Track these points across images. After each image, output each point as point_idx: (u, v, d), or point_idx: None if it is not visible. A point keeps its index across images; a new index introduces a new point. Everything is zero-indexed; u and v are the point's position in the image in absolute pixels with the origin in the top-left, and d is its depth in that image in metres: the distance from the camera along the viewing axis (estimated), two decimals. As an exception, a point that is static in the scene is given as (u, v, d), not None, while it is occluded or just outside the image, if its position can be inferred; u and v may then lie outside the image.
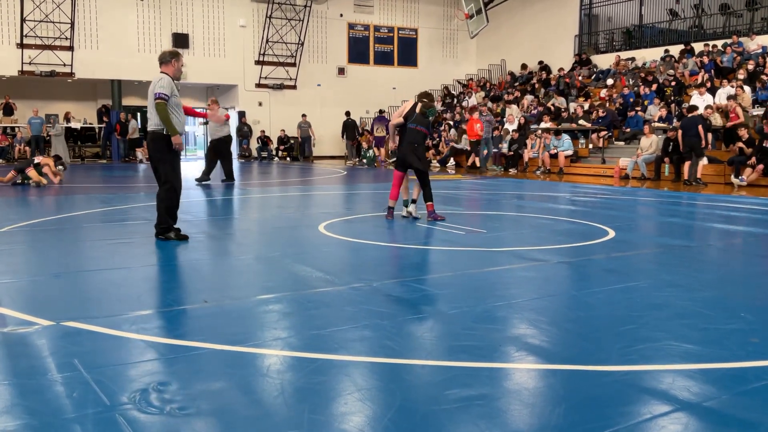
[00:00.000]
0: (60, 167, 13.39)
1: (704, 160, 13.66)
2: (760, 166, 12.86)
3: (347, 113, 24.12)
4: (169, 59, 6.56)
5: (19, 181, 12.64)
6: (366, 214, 8.98)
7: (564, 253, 5.92)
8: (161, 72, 6.54)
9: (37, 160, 13.19)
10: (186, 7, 23.47)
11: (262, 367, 3.05)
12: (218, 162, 13.59)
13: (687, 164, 13.67)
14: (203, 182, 13.27)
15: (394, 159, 9.47)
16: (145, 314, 3.84)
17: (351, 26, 26.69)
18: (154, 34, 23.06)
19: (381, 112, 23.71)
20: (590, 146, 17.66)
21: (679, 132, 13.99)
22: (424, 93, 8.36)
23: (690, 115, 13.93)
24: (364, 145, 22.66)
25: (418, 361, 3.12)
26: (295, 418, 2.47)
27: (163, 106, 6.32)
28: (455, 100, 24.88)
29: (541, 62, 24.39)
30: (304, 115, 24.49)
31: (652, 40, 22.59)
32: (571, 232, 7.30)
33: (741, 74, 16.54)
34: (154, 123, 6.39)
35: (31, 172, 12.56)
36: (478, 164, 18.50)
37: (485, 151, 18.53)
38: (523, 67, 24.90)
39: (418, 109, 8.03)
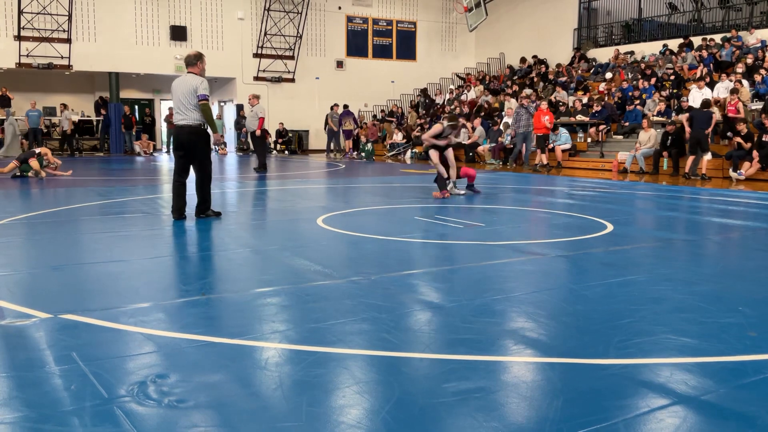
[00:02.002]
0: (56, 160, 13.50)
1: (708, 155, 13.61)
2: (756, 158, 12.86)
3: (332, 107, 24.09)
4: (194, 62, 7.27)
5: (18, 174, 12.64)
6: (365, 207, 8.97)
7: (562, 247, 5.92)
8: (189, 72, 7.23)
9: (38, 150, 13.26)
10: (184, 0, 23.39)
11: (260, 359, 3.05)
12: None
13: (691, 159, 13.60)
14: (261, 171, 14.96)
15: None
16: (143, 307, 3.84)
17: (349, 19, 26.63)
18: (152, 26, 22.99)
19: (346, 107, 23.75)
20: (589, 140, 17.65)
21: (685, 124, 13.81)
22: (450, 116, 10.24)
23: (704, 109, 13.73)
24: (363, 138, 22.65)
25: (417, 354, 3.12)
26: (293, 411, 2.47)
27: (208, 106, 7.19)
28: (430, 101, 24.69)
29: (535, 56, 24.32)
30: (336, 105, 23.63)
31: (651, 33, 22.58)
32: (569, 225, 7.30)
33: (739, 68, 16.52)
34: (193, 118, 7.15)
35: (33, 162, 12.65)
36: (544, 161, 16.23)
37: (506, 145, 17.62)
38: (522, 60, 24.86)
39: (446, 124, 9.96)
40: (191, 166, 7.45)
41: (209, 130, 7.39)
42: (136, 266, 5.06)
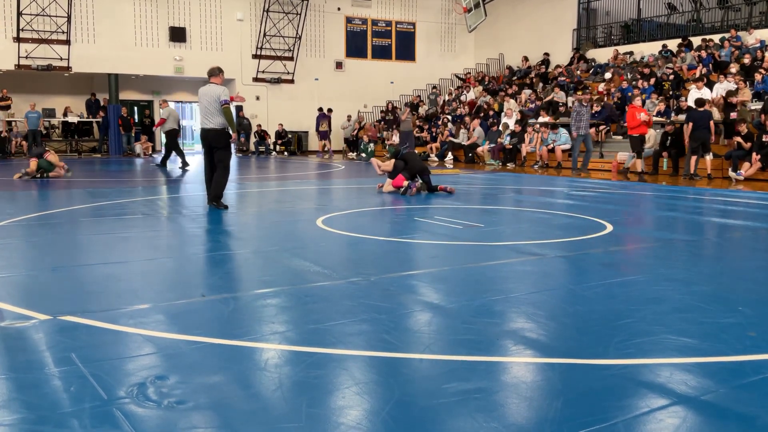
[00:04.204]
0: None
1: (710, 155, 13.58)
2: (756, 157, 12.86)
3: (329, 110, 24.31)
4: (218, 73, 8.55)
5: (37, 175, 12.65)
6: (364, 208, 8.97)
7: (562, 248, 5.92)
8: (212, 82, 8.44)
9: (47, 148, 13.45)
10: (183, 1, 23.39)
11: (260, 361, 3.05)
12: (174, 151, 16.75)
13: (693, 159, 13.56)
14: (162, 165, 16.67)
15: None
16: (142, 308, 3.84)
17: (349, 20, 26.63)
18: (151, 28, 22.99)
19: (320, 109, 24.29)
20: (588, 140, 17.65)
21: (689, 125, 13.70)
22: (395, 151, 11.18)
23: (701, 109, 13.66)
24: (365, 138, 22.66)
25: (416, 355, 3.12)
26: (293, 412, 2.47)
27: (229, 109, 8.40)
28: (393, 117, 24.26)
29: (547, 53, 24.32)
30: (407, 105, 23.27)
31: (650, 34, 22.58)
32: (568, 226, 7.30)
33: (733, 68, 16.49)
34: (218, 122, 8.35)
35: (52, 157, 12.91)
36: (640, 168, 14.34)
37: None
38: (525, 59, 24.80)
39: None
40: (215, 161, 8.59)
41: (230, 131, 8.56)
42: (135, 267, 5.06)
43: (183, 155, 16.68)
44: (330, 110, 24.46)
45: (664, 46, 20.56)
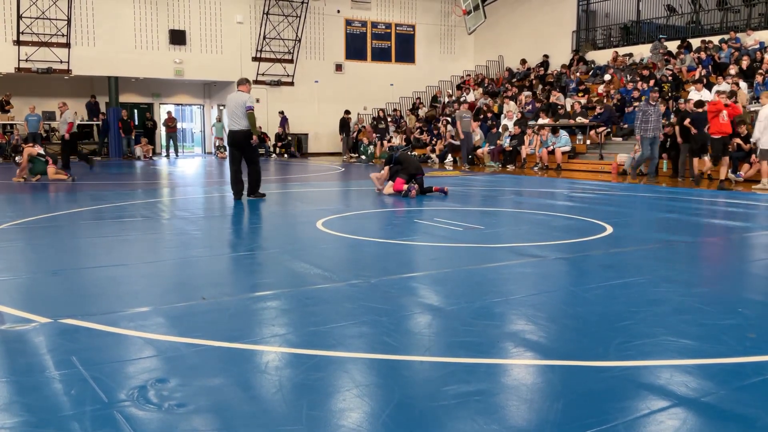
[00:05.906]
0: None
1: (708, 156, 13.54)
2: (756, 159, 12.86)
3: (347, 111, 24.26)
4: (245, 82, 9.78)
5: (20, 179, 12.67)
6: (364, 210, 8.97)
7: (562, 249, 5.92)
8: (239, 90, 9.64)
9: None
10: (183, 4, 23.40)
11: (260, 363, 3.05)
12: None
13: (696, 161, 13.48)
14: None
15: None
16: (143, 311, 3.84)
17: (348, 22, 26.64)
18: (151, 30, 23.00)
19: (281, 113, 24.75)
20: (588, 142, 17.66)
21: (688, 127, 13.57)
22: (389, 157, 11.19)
23: (701, 110, 13.56)
24: (365, 141, 22.67)
25: (417, 357, 3.12)
26: (293, 415, 2.48)
27: (253, 114, 9.52)
28: (386, 125, 23.98)
29: (546, 55, 24.33)
30: (464, 103, 22.68)
31: (649, 35, 22.60)
32: (568, 228, 7.30)
33: (732, 69, 16.49)
34: (244, 124, 9.52)
35: (50, 169, 13.11)
36: (724, 175, 12.35)
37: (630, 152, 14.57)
38: (522, 62, 24.85)
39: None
40: (243, 160, 9.69)
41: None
42: (135, 270, 5.06)
43: (68, 160, 16.69)
44: (348, 112, 24.36)
45: (660, 40, 20.56)
